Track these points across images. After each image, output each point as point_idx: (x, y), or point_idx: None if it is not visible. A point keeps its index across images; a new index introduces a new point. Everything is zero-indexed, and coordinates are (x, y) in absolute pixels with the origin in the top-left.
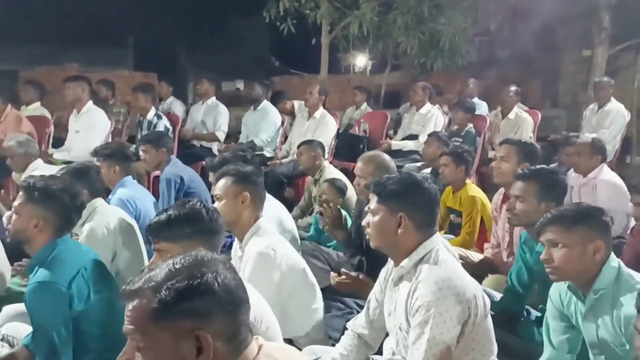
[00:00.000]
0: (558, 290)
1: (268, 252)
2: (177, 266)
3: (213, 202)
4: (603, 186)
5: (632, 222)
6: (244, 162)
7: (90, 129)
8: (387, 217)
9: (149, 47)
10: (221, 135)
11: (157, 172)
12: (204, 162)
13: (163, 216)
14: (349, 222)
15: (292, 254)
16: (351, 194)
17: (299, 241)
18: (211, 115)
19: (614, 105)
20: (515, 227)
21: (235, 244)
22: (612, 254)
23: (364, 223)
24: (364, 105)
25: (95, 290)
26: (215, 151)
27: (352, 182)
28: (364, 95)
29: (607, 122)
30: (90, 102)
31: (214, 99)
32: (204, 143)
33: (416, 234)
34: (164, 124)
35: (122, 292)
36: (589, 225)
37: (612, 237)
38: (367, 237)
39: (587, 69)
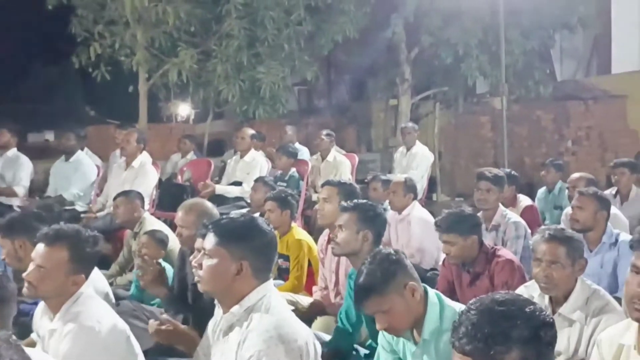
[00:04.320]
0: None
1: (92, 326)
2: None
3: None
4: (416, 222)
5: (443, 255)
6: (40, 220)
7: None
8: (226, 262)
9: None
10: (21, 190)
11: None
12: None
13: None
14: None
15: (117, 322)
16: (174, 245)
17: (114, 301)
18: (11, 169)
19: (420, 149)
20: (339, 256)
21: (41, 311)
22: (429, 289)
23: (194, 264)
24: (191, 154)
25: None
26: (16, 208)
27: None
28: (192, 144)
29: (415, 163)
30: None
31: (14, 150)
32: (2, 199)
33: (253, 280)
34: None
35: None
36: (394, 275)
37: (426, 270)
38: (197, 279)
39: (395, 116)
